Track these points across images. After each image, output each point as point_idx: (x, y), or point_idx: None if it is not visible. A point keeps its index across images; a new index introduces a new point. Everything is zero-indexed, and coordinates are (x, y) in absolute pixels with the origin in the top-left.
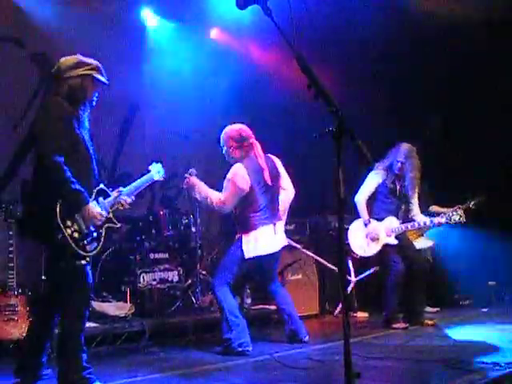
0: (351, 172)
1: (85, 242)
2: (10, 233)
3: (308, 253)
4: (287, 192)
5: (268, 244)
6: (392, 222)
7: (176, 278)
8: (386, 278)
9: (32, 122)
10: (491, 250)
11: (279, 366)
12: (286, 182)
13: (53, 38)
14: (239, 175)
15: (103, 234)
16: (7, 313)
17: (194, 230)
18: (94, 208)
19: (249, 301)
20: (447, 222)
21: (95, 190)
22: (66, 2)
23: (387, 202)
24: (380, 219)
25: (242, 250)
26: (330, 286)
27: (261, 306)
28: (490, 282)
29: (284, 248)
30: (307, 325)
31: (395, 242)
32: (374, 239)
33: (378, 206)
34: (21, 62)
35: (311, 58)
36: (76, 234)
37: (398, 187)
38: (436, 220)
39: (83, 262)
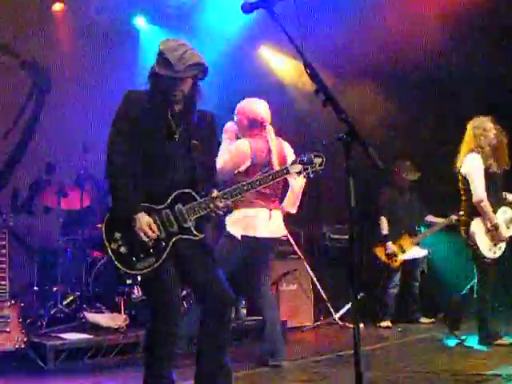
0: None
1: (133, 258)
2: (3, 242)
3: (299, 253)
4: (298, 179)
5: (260, 227)
6: (506, 212)
7: None
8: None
9: None
10: None
11: (279, 378)
12: None
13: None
14: (240, 149)
15: (169, 248)
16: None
17: None
18: (144, 219)
19: (244, 311)
20: None
21: (173, 196)
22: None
23: (493, 188)
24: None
25: (229, 236)
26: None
27: (256, 318)
28: None
29: (279, 257)
30: (302, 336)
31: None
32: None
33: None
34: (12, 69)
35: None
36: (123, 249)
37: (495, 167)
38: None
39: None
